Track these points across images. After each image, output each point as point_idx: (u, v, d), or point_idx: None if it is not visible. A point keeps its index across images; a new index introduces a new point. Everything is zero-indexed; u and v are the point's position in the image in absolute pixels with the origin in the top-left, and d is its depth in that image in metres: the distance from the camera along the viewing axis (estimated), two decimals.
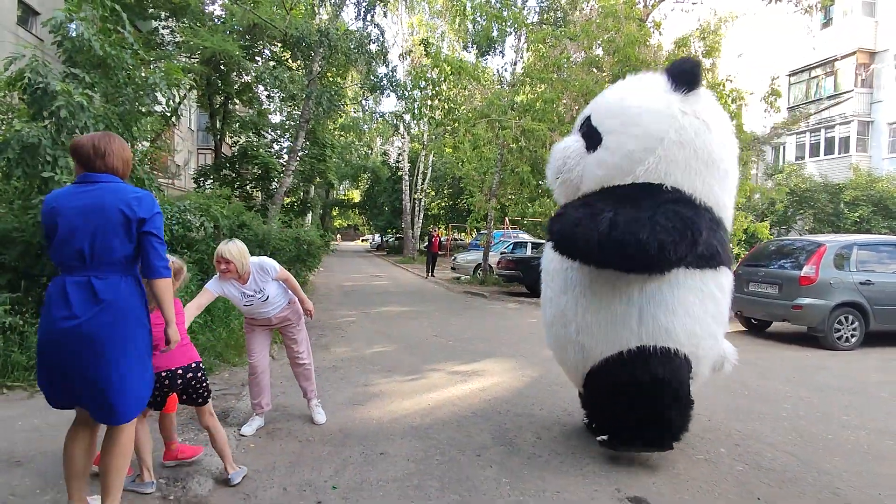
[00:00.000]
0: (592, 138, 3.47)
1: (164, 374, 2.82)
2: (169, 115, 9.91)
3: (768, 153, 21.87)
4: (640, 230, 3.00)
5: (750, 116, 14.51)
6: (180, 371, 2.90)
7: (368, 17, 13.25)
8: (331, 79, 15.60)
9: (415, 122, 15.51)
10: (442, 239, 25.63)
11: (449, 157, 20.27)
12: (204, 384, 3.01)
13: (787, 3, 14.80)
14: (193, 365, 2.95)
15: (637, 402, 3.30)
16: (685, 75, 3.36)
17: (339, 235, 56.64)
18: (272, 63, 15.38)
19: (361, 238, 63.82)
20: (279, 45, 15.14)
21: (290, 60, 15.76)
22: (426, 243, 21.34)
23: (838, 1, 20.98)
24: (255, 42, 15.40)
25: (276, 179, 17.12)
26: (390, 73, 14.02)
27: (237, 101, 18.81)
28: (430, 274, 18.48)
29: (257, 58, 15.95)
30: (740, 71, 15.63)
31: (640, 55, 11.91)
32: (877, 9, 20.42)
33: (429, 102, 15.09)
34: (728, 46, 17.11)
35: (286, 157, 16.03)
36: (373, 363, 6.17)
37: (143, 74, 6.28)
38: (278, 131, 19.77)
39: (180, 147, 23.23)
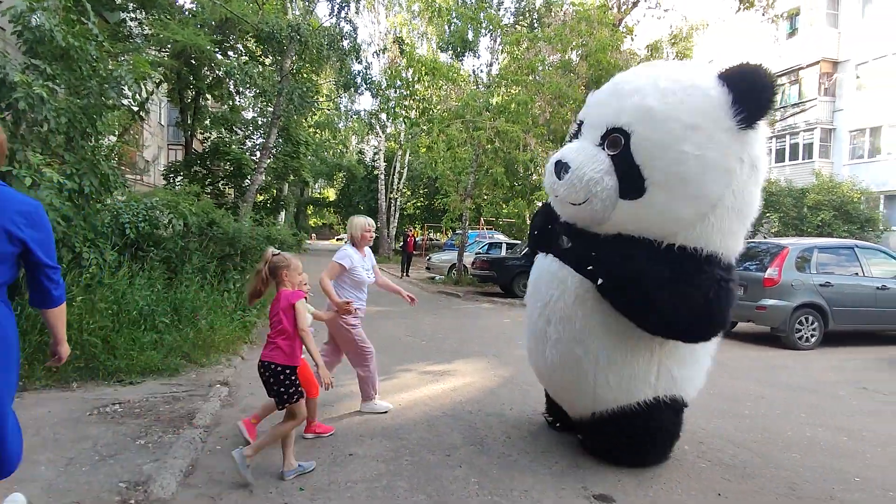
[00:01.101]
0: (632, 182, 2.84)
1: (259, 362, 3.13)
2: (136, 109, 9.65)
3: None
4: (686, 305, 2.78)
5: None
6: (262, 365, 3.11)
7: (342, 14, 13.13)
8: (305, 75, 15.41)
9: (390, 121, 15.43)
10: (417, 239, 25.59)
11: (424, 157, 20.23)
12: (282, 386, 3.07)
13: (755, 12, 15.24)
14: (273, 364, 3.06)
15: (635, 439, 3.36)
16: (759, 98, 2.69)
17: (313, 234, 55.96)
18: (244, 58, 15.12)
19: (337, 237, 63.23)
20: (252, 40, 14.91)
21: (262, 56, 15.53)
22: (402, 243, 21.28)
23: (804, 11, 21.70)
24: (227, 37, 15.12)
25: (248, 176, 16.85)
26: (364, 71, 13.92)
27: (209, 97, 18.44)
28: (405, 274, 18.43)
29: (230, 52, 15.67)
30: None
31: (612, 60, 12.10)
32: (840, 20, 21.18)
33: (404, 102, 15.06)
34: (699, 53, 17.54)
35: (259, 153, 15.79)
36: (343, 363, 6.08)
37: (109, 67, 6.10)
38: (251, 128, 19.45)
39: (149, 142, 22.65)
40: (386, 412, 4.41)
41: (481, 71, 16.70)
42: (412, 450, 3.65)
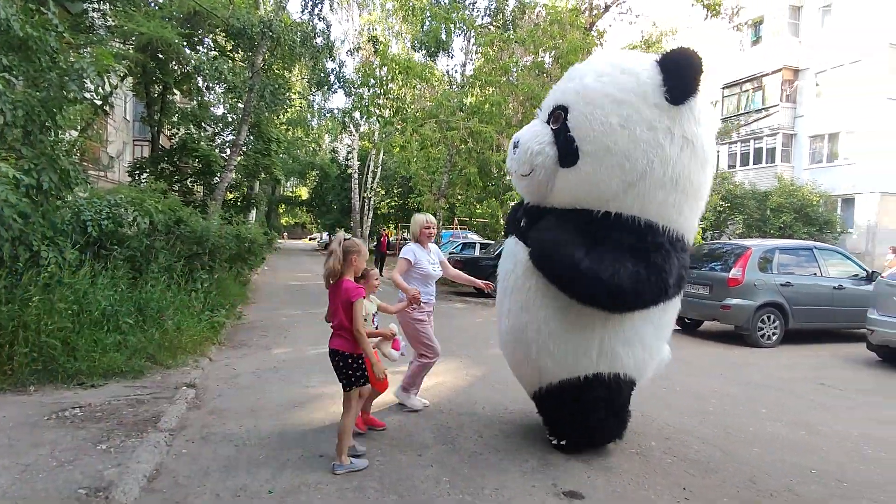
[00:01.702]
0: (567, 151, 3.13)
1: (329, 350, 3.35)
2: (100, 103, 9.33)
3: None
4: (619, 278, 2.94)
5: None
6: (331, 353, 3.36)
7: (315, 11, 12.97)
8: (276, 72, 15.15)
9: (363, 119, 15.32)
10: (391, 238, 25.46)
11: (398, 156, 20.14)
12: (349, 369, 3.29)
13: (721, 19, 15.65)
14: (339, 352, 3.31)
15: (582, 415, 3.50)
16: (682, 81, 2.94)
17: (285, 233, 55.15)
18: (213, 53, 14.79)
19: (309, 236, 62.47)
20: (221, 34, 14.59)
21: (232, 52, 15.21)
22: (375, 243, 21.15)
23: (767, 20, 22.42)
24: (195, 30, 14.76)
25: (217, 174, 16.48)
26: (338, 70, 13.78)
27: (176, 92, 17.96)
28: (378, 273, 18.32)
29: (199, 47, 15.30)
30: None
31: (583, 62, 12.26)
32: (800, 30, 21.96)
33: (377, 101, 14.98)
34: None
35: (229, 151, 15.46)
36: (315, 364, 6.05)
37: (70, 59, 5.89)
38: (220, 124, 19.03)
39: (114, 138, 21.97)
40: (418, 411, 4.47)
41: (455, 71, 16.73)
42: (383, 450, 3.64)
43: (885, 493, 3.24)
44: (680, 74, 2.96)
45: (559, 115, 3.23)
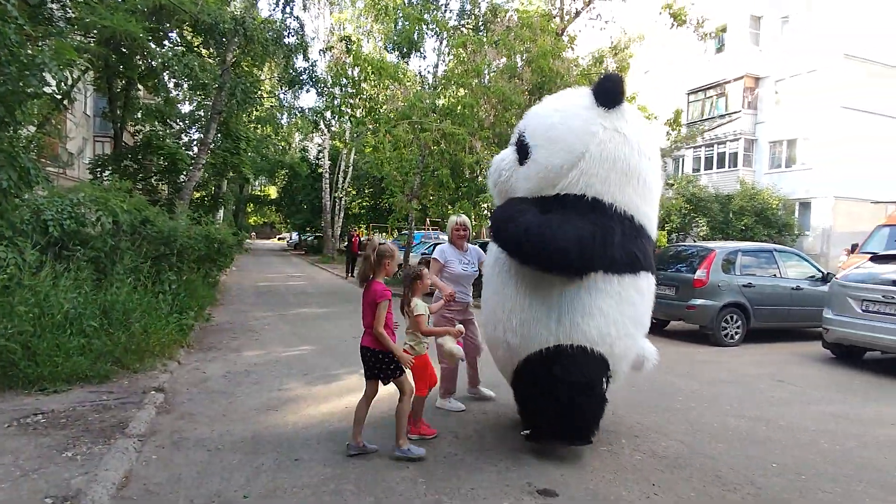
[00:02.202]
0: (523, 152, 3.78)
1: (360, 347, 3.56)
2: (60, 97, 9.00)
3: (669, 165, 23.66)
4: (556, 232, 3.32)
5: (654, 131, 15.66)
6: (362, 349, 3.57)
7: (286, 10, 12.79)
8: (246, 69, 14.88)
9: (335, 119, 15.19)
10: (362, 239, 25.29)
11: (370, 156, 20.02)
12: (382, 364, 3.53)
13: (686, 28, 16.12)
14: (369, 349, 3.54)
15: (554, 396, 3.50)
16: (607, 93, 3.64)
17: (253, 233, 54.09)
18: (180, 49, 14.43)
19: (278, 236, 61.47)
20: (189, 30, 14.24)
21: (201, 47, 14.87)
22: (346, 243, 20.99)
23: (730, 29, 23.17)
24: (161, 24, 14.36)
25: (184, 172, 16.07)
26: (310, 69, 13.62)
27: (141, 87, 17.44)
28: (350, 274, 18.20)
29: (164, 42, 14.89)
30: (647, 87, 16.73)
31: (554, 67, 12.44)
32: (761, 39, 22.79)
33: (349, 101, 14.87)
34: (637, 64, 18.38)
35: (196, 149, 15.10)
36: (289, 366, 6.00)
37: (29, 52, 5.68)
38: (187, 121, 18.57)
39: (74, 134, 21.17)
40: (460, 410, 4.60)
41: (428, 72, 16.75)
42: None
43: (838, 484, 3.42)
44: (605, 86, 3.68)
45: (519, 138, 3.92)
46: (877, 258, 7.40)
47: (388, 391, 3.92)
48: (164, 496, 2.94)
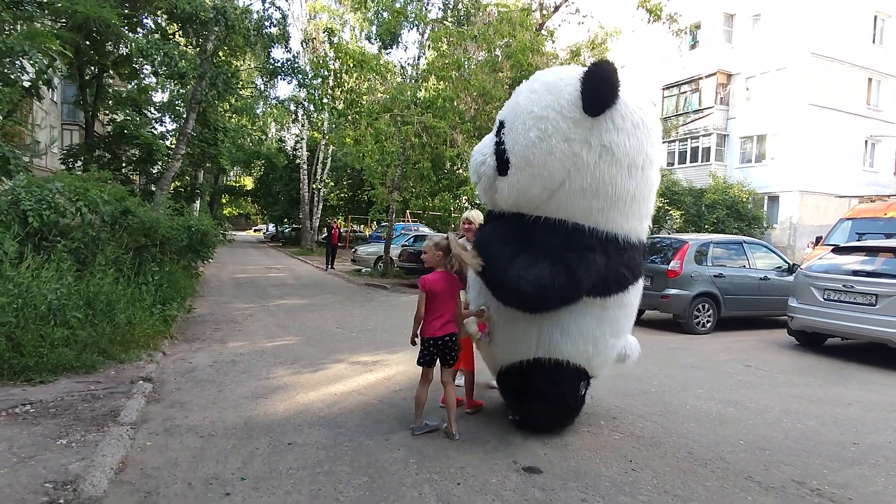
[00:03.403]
0: (502, 161, 3.49)
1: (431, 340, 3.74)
2: (39, 84, 8.77)
3: None
4: (527, 283, 3.28)
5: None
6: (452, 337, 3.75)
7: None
8: (223, 58, 14.64)
9: (315, 110, 15.07)
10: (341, 230, 25.20)
11: (350, 149, 19.92)
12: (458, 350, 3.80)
13: (661, 24, 16.42)
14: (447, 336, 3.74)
15: (533, 398, 3.82)
16: (595, 100, 3.18)
17: (229, 224, 53.13)
18: (155, 36, 14.13)
19: (254, 228, 60.62)
20: (165, 17, 13.93)
21: (177, 35, 14.58)
22: (325, 235, 20.92)
23: (704, 26, 23.67)
24: (135, 10, 14.02)
25: (160, 162, 15.79)
26: (292, 60, 13.50)
27: (113, 75, 17.00)
28: (329, 266, 18.18)
29: (139, 28, 14.55)
30: (623, 82, 16.89)
31: (533, 61, 12.59)
32: (733, 36, 23.33)
33: (330, 92, 14.78)
34: (613, 59, 18.64)
35: (171, 138, 14.84)
36: (275, 356, 6.06)
37: (4, 38, 5.58)
38: (162, 111, 18.19)
39: (42, 122, 20.57)
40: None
41: (409, 64, 16.74)
42: (350, 436, 3.76)
43: (798, 458, 3.68)
44: (594, 89, 3.20)
45: (499, 128, 3.60)
46: (838, 250, 7.79)
47: (377, 377, 4.02)
48: (162, 479, 3.02)
